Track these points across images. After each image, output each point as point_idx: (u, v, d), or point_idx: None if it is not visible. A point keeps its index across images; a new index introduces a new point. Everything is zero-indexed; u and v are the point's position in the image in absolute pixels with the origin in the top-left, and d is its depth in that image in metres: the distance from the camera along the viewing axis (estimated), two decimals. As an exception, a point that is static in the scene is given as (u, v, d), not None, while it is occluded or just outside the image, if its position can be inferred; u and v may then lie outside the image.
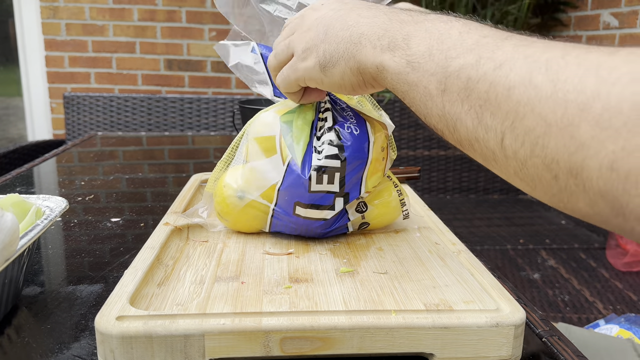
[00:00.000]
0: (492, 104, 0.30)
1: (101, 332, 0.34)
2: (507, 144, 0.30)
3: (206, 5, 2.48)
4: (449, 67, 0.34)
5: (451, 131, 0.35)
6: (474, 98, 0.32)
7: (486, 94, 0.31)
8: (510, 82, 0.29)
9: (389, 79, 0.39)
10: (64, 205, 0.48)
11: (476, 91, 0.31)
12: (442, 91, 0.34)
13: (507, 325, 0.36)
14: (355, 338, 0.36)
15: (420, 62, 0.36)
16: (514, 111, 0.29)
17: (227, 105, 2.11)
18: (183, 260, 0.48)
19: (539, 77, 0.28)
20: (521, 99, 0.28)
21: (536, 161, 0.28)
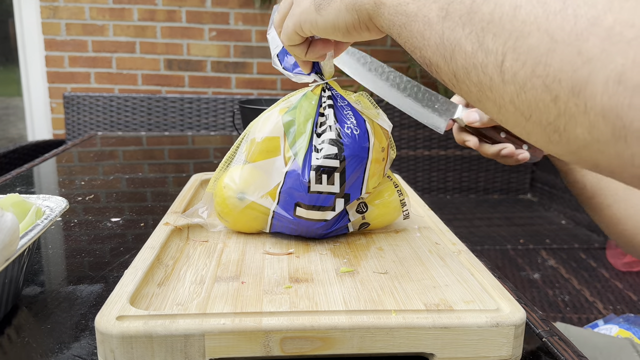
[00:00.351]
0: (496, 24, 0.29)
1: (101, 332, 0.34)
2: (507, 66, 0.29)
3: (206, 5, 2.48)
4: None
5: (447, 60, 0.33)
6: (477, 20, 0.30)
7: (490, 15, 0.30)
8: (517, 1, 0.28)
9: (386, 13, 0.38)
10: (64, 205, 0.48)
11: (480, 13, 0.30)
12: (442, 18, 0.33)
13: (507, 325, 0.36)
14: (356, 338, 0.36)
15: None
16: (519, 30, 0.28)
17: (227, 105, 2.11)
18: (183, 260, 0.48)
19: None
20: (527, 17, 0.27)
21: (536, 82, 0.27)
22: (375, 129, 0.51)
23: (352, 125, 0.50)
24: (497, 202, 2.31)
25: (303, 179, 0.48)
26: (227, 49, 2.54)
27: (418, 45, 0.36)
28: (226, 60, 2.55)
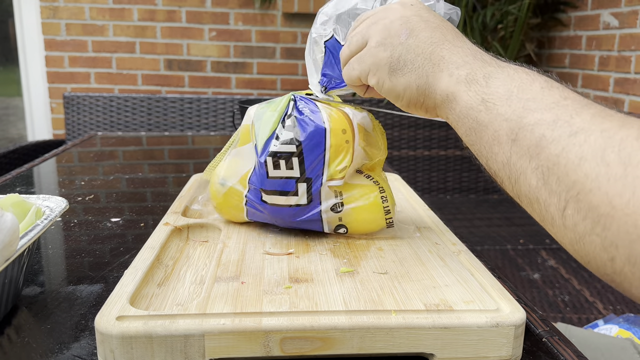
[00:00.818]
0: (561, 169, 0.30)
1: (101, 332, 0.34)
2: (569, 214, 0.30)
3: (206, 5, 2.48)
4: (525, 118, 0.33)
5: (512, 183, 0.35)
6: (543, 158, 0.32)
7: (556, 158, 0.31)
8: (583, 152, 0.29)
9: (456, 110, 0.39)
10: (64, 205, 0.48)
11: (547, 151, 0.31)
12: (512, 140, 0.34)
13: (507, 325, 0.36)
14: (355, 338, 0.36)
15: (495, 104, 0.36)
16: (581, 183, 0.29)
17: (227, 105, 2.11)
18: (183, 260, 0.48)
19: (611, 156, 0.28)
20: (590, 173, 0.28)
21: (595, 239, 0.28)
22: (333, 113, 0.50)
23: (308, 112, 0.50)
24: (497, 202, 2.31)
25: (262, 164, 0.50)
26: (227, 49, 2.54)
27: (485, 155, 0.37)
28: (226, 60, 2.55)
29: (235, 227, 0.55)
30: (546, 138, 0.31)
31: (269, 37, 2.54)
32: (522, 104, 0.34)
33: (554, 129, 0.31)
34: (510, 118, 0.34)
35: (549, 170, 0.31)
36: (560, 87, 0.35)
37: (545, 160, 0.31)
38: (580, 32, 2.10)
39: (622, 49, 1.85)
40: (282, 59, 2.57)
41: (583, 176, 0.29)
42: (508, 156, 0.34)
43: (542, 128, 0.32)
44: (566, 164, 0.30)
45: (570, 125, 0.31)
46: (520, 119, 0.34)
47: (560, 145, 0.30)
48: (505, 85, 0.36)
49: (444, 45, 0.41)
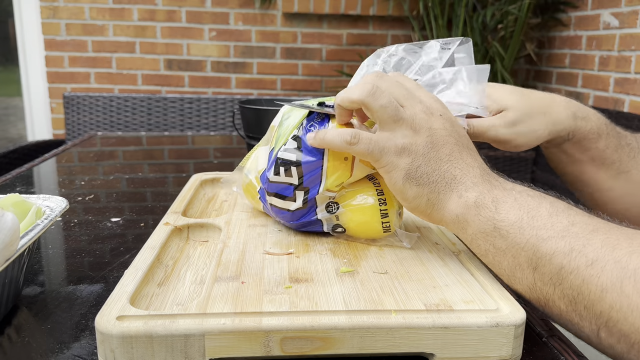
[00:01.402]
0: (586, 298, 0.33)
1: (101, 332, 0.34)
2: (603, 337, 0.32)
3: (206, 5, 2.48)
4: (541, 248, 0.35)
5: (542, 305, 0.37)
6: (567, 287, 0.34)
7: (579, 288, 0.33)
8: (602, 284, 0.32)
9: (469, 232, 0.41)
10: (64, 205, 0.48)
11: (569, 281, 0.34)
12: (533, 268, 0.36)
13: (507, 325, 0.36)
14: (356, 338, 0.36)
15: (509, 232, 0.38)
16: (607, 314, 0.31)
17: (227, 105, 2.11)
18: (183, 260, 0.48)
19: (629, 287, 0.30)
20: (614, 304, 0.31)
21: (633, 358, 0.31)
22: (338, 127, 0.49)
23: (315, 123, 0.50)
24: (497, 202, 2.31)
25: (267, 169, 0.52)
26: (227, 49, 2.54)
27: (507, 277, 0.39)
28: (226, 60, 2.55)
29: (235, 227, 0.55)
30: (565, 269, 0.34)
31: (269, 37, 2.54)
32: (535, 232, 0.36)
33: (571, 260, 0.34)
34: (526, 247, 0.36)
35: (575, 299, 0.33)
36: (566, 209, 0.37)
37: (569, 290, 0.34)
38: (580, 32, 2.10)
39: (622, 49, 1.85)
40: (282, 58, 2.57)
41: (608, 307, 0.31)
42: (532, 282, 0.37)
43: (559, 258, 0.34)
44: (589, 295, 0.32)
45: (585, 256, 0.33)
46: (535, 248, 0.36)
47: (580, 277, 0.33)
48: (514, 211, 0.38)
49: (459, 164, 0.43)
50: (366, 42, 2.58)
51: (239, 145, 1.30)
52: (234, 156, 1.15)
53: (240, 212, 0.60)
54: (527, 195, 0.39)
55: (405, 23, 2.56)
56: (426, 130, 0.43)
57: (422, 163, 0.43)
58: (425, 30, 2.47)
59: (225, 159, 1.12)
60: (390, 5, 2.47)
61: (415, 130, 0.43)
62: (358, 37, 2.57)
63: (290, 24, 2.53)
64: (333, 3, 2.46)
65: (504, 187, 0.41)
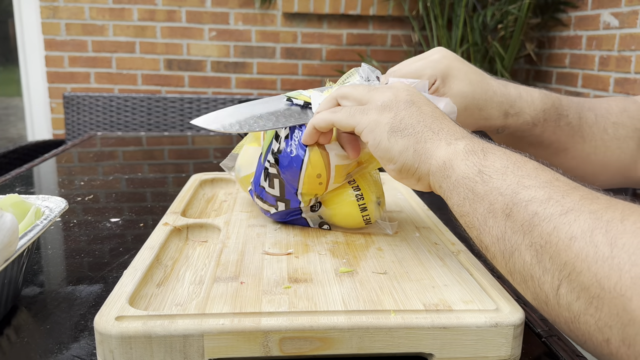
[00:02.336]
0: (553, 247, 0.31)
1: (100, 332, 0.34)
2: (562, 293, 0.31)
3: (206, 5, 2.48)
4: (519, 194, 0.35)
5: (506, 258, 0.35)
6: (536, 235, 0.33)
7: (548, 236, 0.32)
8: (573, 232, 0.30)
9: (452, 179, 0.40)
10: (63, 206, 0.48)
11: (539, 229, 0.32)
12: (506, 215, 0.35)
13: (506, 325, 0.36)
14: (355, 338, 0.36)
15: (492, 177, 0.37)
16: (572, 263, 0.30)
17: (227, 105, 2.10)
18: (182, 260, 0.48)
19: (599, 237, 0.29)
20: (580, 253, 0.29)
21: (589, 319, 0.29)
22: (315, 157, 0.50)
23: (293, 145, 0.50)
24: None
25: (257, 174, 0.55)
26: (227, 49, 2.54)
27: (477, 227, 0.38)
28: (226, 60, 2.55)
29: (234, 227, 0.55)
30: (539, 215, 0.33)
31: (269, 37, 2.54)
32: (517, 180, 0.36)
33: (546, 207, 0.33)
34: (505, 192, 0.36)
35: (542, 248, 0.32)
36: (552, 170, 0.37)
37: (538, 238, 0.32)
38: (580, 32, 2.10)
39: (622, 49, 1.85)
40: (282, 58, 2.57)
41: (574, 256, 0.30)
42: (503, 231, 0.35)
43: (535, 205, 0.33)
44: (557, 243, 0.31)
45: (561, 205, 0.32)
46: (514, 194, 0.35)
47: (552, 224, 0.32)
48: (501, 160, 0.38)
49: (444, 122, 0.43)
50: (366, 42, 2.58)
51: (239, 145, 1.30)
52: (233, 156, 1.14)
53: (240, 212, 0.60)
54: (516, 153, 0.39)
55: (405, 23, 2.56)
56: (402, 90, 0.45)
57: (405, 115, 0.43)
58: (425, 30, 2.47)
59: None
60: (390, 5, 2.47)
61: (396, 90, 0.45)
62: (358, 37, 2.57)
63: (290, 24, 2.53)
64: (333, 3, 2.46)
65: (493, 145, 0.41)
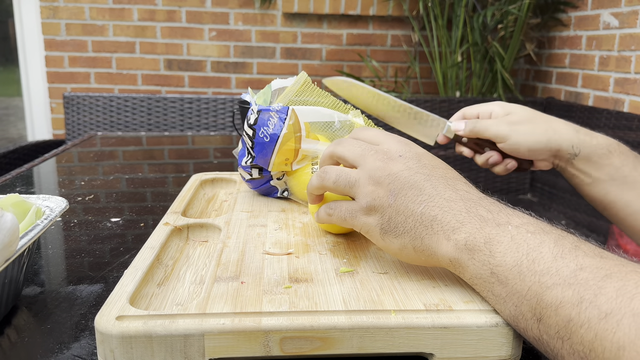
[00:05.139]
0: (599, 356, 0.28)
1: (101, 332, 0.34)
2: None
3: (206, 5, 2.48)
4: (544, 296, 0.31)
5: (551, 357, 0.33)
6: (577, 343, 0.30)
7: (591, 344, 0.29)
8: (619, 341, 0.27)
9: (467, 277, 0.37)
10: (64, 205, 0.48)
11: (579, 336, 0.29)
12: (537, 320, 0.32)
13: (507, 325, 0.36)
14: (355, 338, 0.36)
15: (508, 278, 0.34)
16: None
17: (227, 105, 2.11)
18: (183, 260, 0.48)
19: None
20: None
21: None
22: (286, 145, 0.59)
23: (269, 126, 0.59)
24: (497, 202, 2.31)
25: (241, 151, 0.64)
26: (227, 49, 2.54)
27: (512, 323, 0.35)
28: (226, 60, 2.55)
29: (235, 227, 0.55)
30: (574, 322, 0.30)
31: (269, 37, 2.54)
32: (537, 279, 0.32)
33: (580, 312, 0.29)
34: (528, 296, 0.32)
35: (587, 356, 0.29)
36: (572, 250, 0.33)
37: (579, 345, 0.29)
38: (580, 32, 2.10)
39: (622, 49, 1.85)
40: (282, 59, 2.57)
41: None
42: (538, 334, 0.33)
43: (567, 310, 0.30)
44: (604, 352, 0.28)
45: (597, 307, 0.29)
46: (539, 297, 0.32)
47: (592, 332, 0.29)
48: (511, 253, 0.34)
49: (435, 200, 0.39)
50: (366, 42, 2.58)
51: (239, 145, 1.30)
52: (233, 156, 1.14)
53: (240, 212, 0.60)
54: (525, 231, 0.35)
55: (405, 23, 2.56)
56: (385, 178, 0.41)
57: (392, 214, 0.40)
58: (425, 30, 2.47)
59: (225, 159, 1.12)
60: (390, 5, 2.47)
61: (376, 183, 0.41)
62: (358, 37, 2.57)
63: (290, 24, 2.53)
64: (333, 3, 2.46)
65: (497, 222, 0.36)
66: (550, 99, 2.19)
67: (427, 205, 0.39)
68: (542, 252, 0.33)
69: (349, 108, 0.65)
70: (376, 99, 0.71)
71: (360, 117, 0.64)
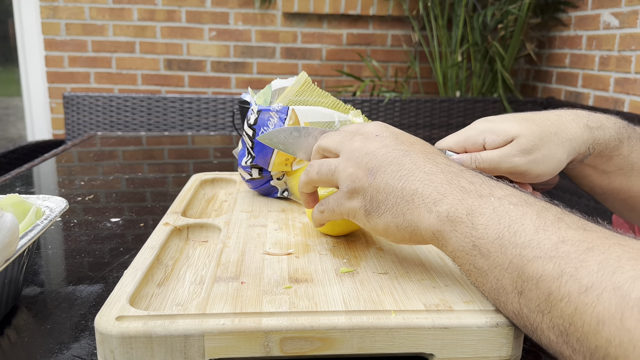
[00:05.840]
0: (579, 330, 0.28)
1: (101, 332, 0.34)
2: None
3: (206, 5, 2.48)
4: (525, 269, 0.31)
5: (530, 332, 0.33)
6: (557, 316, 0.29)
7: (571, 318, 0.29)
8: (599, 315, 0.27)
9: (449, 249, 0.37)
10: (63, 206, 0.48)
11: (559, 310, 0.29)
12: (518, 293, 0.32)
13: (507, 326, 0.36)
14: (355, 338, 0.36)
15: (490, 250, 0.33)
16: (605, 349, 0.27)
17: (227, 105, 2.11)
18: (183, 260, 0.48)
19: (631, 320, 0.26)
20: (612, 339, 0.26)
21: None
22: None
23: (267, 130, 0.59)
24: (497, 202, 2.31)
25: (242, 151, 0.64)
26: (226, 49, 2.54)
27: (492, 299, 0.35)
28: (226, 60, 2.55)
29: (235, 227, 0.55)
30: (554, 296, 0.29)
31: (269, 37, 2.54)
32: (518, 251, 0.32)
33: (561, 285, 0.29)
34: (509, 268, 0.32)
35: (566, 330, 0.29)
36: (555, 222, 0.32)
37: (559, 319, 0.29)
38: (580, 32, 2.10)
39: (622, 48, 1.85)
40: (282, 58, 2.57)
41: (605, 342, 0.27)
42: (518, 308, 0.32)
43: (547, 283, 0.30)
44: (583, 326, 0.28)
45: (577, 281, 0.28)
46: (520, 269, 0.31)
47: (572, 305, 0.28)
48: (493, 225, 0.33)
49: (415, 175, 0.38)
50: (366, 42, 2.58)
51: (239, 145, 1.30)
52: (233, 156, 1.14)
53: (240, 212, 0.60)
54: (508, 203, 0.34)
55: (405, 23, 2.56)
56: (363, 157, 0.41)
57: (373, 194, 0.40)
58: (425, 30, 2.47)
59: (225, 159, 1.12)
60: (390, 5, 2.47)
61: (355, 165, 0.41)
62: (358, 37, 2.57)
63: (290, 24, 2.53)
64: (333, 3, 2.46)
65: (479, 193, 0.36)
66: (551, 99, 2.19)
67: (407, 179, 0.38)
68: (524, 224, 0.32)
69: (349, 108, 0.65)
70: None
71: (360, 117, 0.64)
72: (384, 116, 2.14)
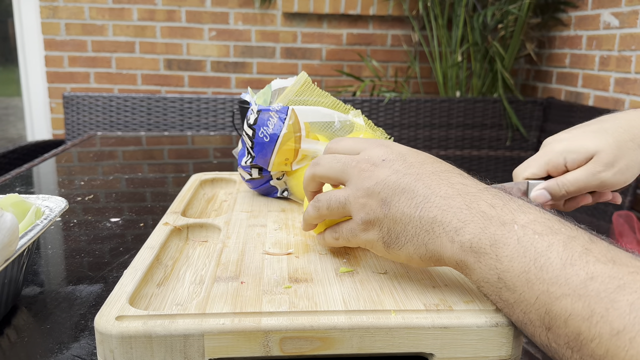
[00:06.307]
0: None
1: (101, 332, 0.34)
2: None
3: (206, 5, 2.48)
4: (553, 307, 0.30)
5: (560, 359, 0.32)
6: (588, 355, 0.29)
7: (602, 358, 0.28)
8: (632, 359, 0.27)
9: (473, 279, 0.36)
10: (63, 205, 0.48)
11: (589, 349, 0.28)
12: (546, 328, 0.31)
13: (506, 325, 0.36)
14: (355, 338, 0.36)
15: (516, 285, 0.32)
16: None
17: (227, 105, 2.11)
18: (182, 260, 0.48)
19: None
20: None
21: None
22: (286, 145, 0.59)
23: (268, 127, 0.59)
24: (497, 202, 2.31)
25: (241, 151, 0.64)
26: (226, 49, 2.54)
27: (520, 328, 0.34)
28: (226, 60, 2.55)
29: (234, 227, 0.55)
30: (584, 336, 0.29)
31: (268, 36, 2.54)
32: (546, 288, 0.31)
33: (591, 326, 0.28)
34: (536, 305, 0.31)
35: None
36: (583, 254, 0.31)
37: (590, 358, 0.29)
38: (580, 32, 2.10)
39: (622, 48, 1.85)
40: (282, 58, 2.57)
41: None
42: (547, 342, 0.32)
43: (576, 322, 0.29)
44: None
45: (609, 323, 0.28)
46: (547, 306, 0.31)
47: (603, 347, 0.28)
48: (518, 259, 0.32)
49: (431, 201, 0.37)
50: (366, 42, 2.58)
51: (239, 145, 1.30)
52: (233, 156, 1.14)
53: (240, 212, 0.60)
54: (532, 232, 0.33)
55: (405, 23, 2.56)
56: (374, 187, 0.39)
57: (390, 225, 0.38)
58: (425, 30, 2.47)
59: (225, 159, 1.12)
60: (390, 5, 2.47)
61: (366, 195, 0.39)
62: (358, 37, 2.57)
63: (290, 24, 2.53)
64: (333, 3, 2.46)
65: (502, 220, 0.34)
66: (551, 99, 2.19)
67: (423, 207, 0.37)
68: (551, 257, 0.31)
69: (349, 108, 0.65)
70: None
71: (360, 117, 0.64)
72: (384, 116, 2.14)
